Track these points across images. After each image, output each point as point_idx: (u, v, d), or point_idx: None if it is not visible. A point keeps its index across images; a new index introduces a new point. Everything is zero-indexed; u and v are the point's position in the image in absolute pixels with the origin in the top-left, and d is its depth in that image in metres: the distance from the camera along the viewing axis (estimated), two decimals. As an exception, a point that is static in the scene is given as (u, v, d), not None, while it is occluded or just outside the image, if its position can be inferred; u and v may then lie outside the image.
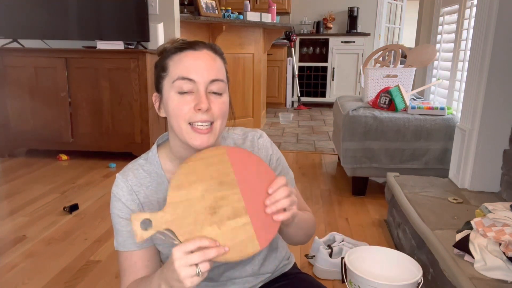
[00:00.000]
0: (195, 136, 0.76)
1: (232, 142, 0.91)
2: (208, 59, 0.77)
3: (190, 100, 0.76)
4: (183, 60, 0.77)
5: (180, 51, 0.78)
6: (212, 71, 0.77)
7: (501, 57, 1.66)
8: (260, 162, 0.72)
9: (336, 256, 1.61)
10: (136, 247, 0.83)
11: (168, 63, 0.78)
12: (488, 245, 1.13)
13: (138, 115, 2.99)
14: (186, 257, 0.62)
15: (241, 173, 0.71)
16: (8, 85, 3.06)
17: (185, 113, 0.76)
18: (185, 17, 3.38)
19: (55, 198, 2.38)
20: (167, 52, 0.80)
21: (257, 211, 0.69)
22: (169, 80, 0.77)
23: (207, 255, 0.63)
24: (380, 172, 2.33)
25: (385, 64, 2.82)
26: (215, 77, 0.77)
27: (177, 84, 0.76)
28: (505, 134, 1.72)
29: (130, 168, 0.85)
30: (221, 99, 0.78)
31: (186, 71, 0.75)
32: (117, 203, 0.83)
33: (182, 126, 0.76)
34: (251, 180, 0.70)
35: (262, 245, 0.67)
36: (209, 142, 0.77)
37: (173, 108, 0.77)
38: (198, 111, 0.75)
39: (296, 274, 1.01)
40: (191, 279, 0.62)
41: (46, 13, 3.08)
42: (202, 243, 0.63)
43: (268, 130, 4.43)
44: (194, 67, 0.76)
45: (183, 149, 0.81)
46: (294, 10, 6.18)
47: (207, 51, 0.78)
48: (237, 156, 0.72)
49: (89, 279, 1.57)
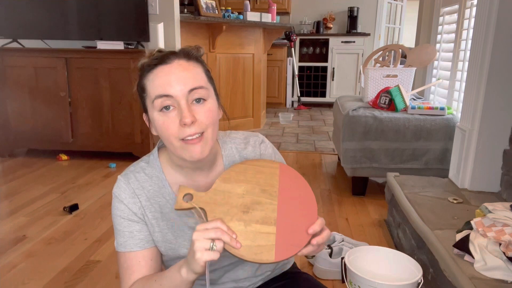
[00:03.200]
0: (188, 147, 0.75)
1: (233, 147, 0.90)
2: (180, 70, 0.75)
3: (174, 117, 0.75)
4: (156, 77, 0.75)
5: (153, 68, 0.76)
6: (188, 80, 0.75)
7: (501, 57, 1.66)
8: (306, 188, 0.76)
9: (336, 256, 1.61)
10: (138, 247, 0.83)
11: (145, 83, 0.77)
12: (488, 245, 1.13)
13: (138, 115, 2.99)
14: (204, 231, 0.67)
15: (284, 190, 0.75)
16: (8, 85, 3.06)
17: (174, 131, 0.75)
18: (185, 17, 3.38)
19: (55, 198, 2.38)
20: (143, 71, 0.78)
21: (285, 228, 0.72)
22: (150, 101, 0.77)
23: (222, 235, 0.68)
24: (380, 172, 2.33)
25: (385, 64, 2.82)
26: (193, 86, 0.75)
27: (157, 103, 0.75)
28: (505, 134, 1.72)
29: (132, 171, 0.85)
30: (206, 107, 0.76)
31: (162, 88, 0.74)
32: (119, 205, 0.83)
33: (174, 144, 0.76)
34: (291, 200, 0.74)
35: (277, 258, 0.70)
36: (203, 152, 0.76)
37: (160, 128, 0.76)
38: (184, 126, 0.74)
39: (296, 274, 1.01)
40: (202, 252, 0.66)
41: (46, 13, 3.08)
42: (221, 226, 0.69)
43: (268, 130, 4.43)
44: (168, 82, 0.74)
45: (180, 159, 0.81)
46: (294, 10, 6.18)
47: (178, 61, 0.76)
48: (287, 174, 0.77)
49: (89, 279, 1.57)
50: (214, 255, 0.67)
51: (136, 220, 0.83)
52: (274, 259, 0.69)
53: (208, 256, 0.66)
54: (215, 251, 0.67)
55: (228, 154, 0.89)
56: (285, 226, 0.72)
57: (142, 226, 0.83)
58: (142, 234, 0.83)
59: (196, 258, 0.66)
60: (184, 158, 0.77)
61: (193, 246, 0.67)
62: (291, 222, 0.72)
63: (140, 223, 0.83)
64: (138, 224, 0.83)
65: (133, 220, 0.83)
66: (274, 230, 0.71)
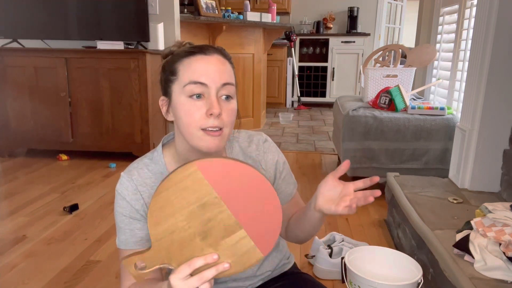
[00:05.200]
0: (207, 138, 0.76)
1: (237, 145, 0.91)
2: (218, 64, 0.77)
3: (201, 105, 0.75)
4: (193, 64, 0.76)
5: (191, 55, 0.77)
6: (224, 74, 0.77)
7: (501, 57, 1.66)
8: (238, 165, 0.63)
9: (336, 256, 1.61)
10: (139, 246, 0.83)
11: (177, 67, 0.78)
12: (488, 245, 1.13)
13: (138, 115, 2.99)
14: (185, 283, 0.61)
15: (222, 186, 0.63)
16: (8, 85, 3.06)
17: (197, 119, 0.75)
18: (185, 17, 3.38)
19: (55, 198, 2.38)
20: (175, 56, 0.79)
21: (252, 221, 0.64)
22: (180, 85, 0.77)
23: (205, 276, 0.62)
24: (380, 172, 2.33)
25: (385, 64, 2.82)
26: (226, 81, 0.77)
27: (188, 88, 0.75)
28: (505, 134, 1.72)
29: (135, 167, 0.85)
30: (231, 106, 0.78)
31: (198, 75, 0.75)
32: (121, 201, 0.83)
33: (193, 132, 0.76)
34: (234, 190, 0.63)
35: (265, 252, 0.66)
36: (220, 146, 0.77)
37: (184, 114, 0.76)
38: (210, 116, 0.75)
39: (296, 274, 1.01)
40: None
41: (46, 13, 3.08)
42: (197, 263, 0.62)
43: (268, 130, 4.43)
44: (206, 71, 0.75)
45: (189, 152, 0.81)
46: (294, 10, 6.18)
47: (217, 55, 0.78)
48: (211, 169, 0.62)
49: (89, 279, 1.57)
50: None
51: (138, 218, 0.83)
52: (263, 255, 0.66)
53: None
54: None
55: (232, 152, 0.90)
56: (250, 220, 0.64)
57: (144, 224, 0.83)
58: (143, 232, 0.83)
59: None
60: (199, 148, 0.77)
61: None
62: (252, 212, 0.64)
63: (141, 221, 0.83)
64: (140, 222, 0.83)
65: (135, 218, 0.83)
66: (244, 233, 0.64)
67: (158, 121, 3.11)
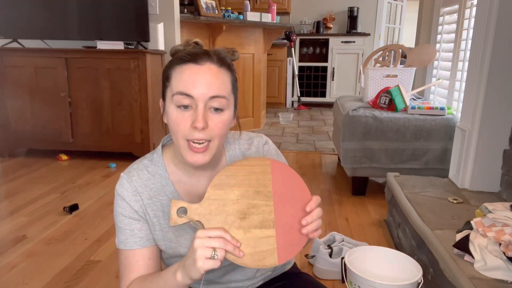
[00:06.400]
0: (191, 153, 0.76)
1: (237, 148, 0.90)
2: (209, 74, 0.74)
3: (188, 117, 0.75)
4: (184, 73, 0.75)
5: (183, 63, 0.76)
6: (213, 87, 0.74)
7: (501, 57, 1.66)
8: (299, 181, 0.73)
9: (336, 256, 1.61)
10: (138, 246, 0.83)
11: (171, 74, 0.77)
12: (488, 245, 1.13)
13: (138, 115, 2.99)
14: (206, 239, 0.66)
15: (278, 187, 0.72)
16: (8, 85, 3.06)
17: (182, 129, 0.75)
18: (185, 17, 3.38)
19: (55, 198, 2.38)
20: (172, 61, 0.79)
21: (285, 227, 0.71)
22: (170, 93, 0.77)
23: (225, 244, 0.67)
24: (380, 172, 2.33)
25: (385, 64, 2.82)
26: (215, 94, 0.74)
27: (176, 98, 0.75)
28: (505, 134, 1.72)
29: (135, 168, 0.85)
30: (221, 118, 0.76)
31: (185, 86, 0.74)
32: (121, 202, 0.83)
33: (179, 142, 0.76)
34: (286, 196, 0.72)
35: (280, 260, 0.69)
36: (204, 160, 0.77)
37: (172, 122, 0.76)
38: (194, 129, 0.74)
39: (296, 274, 1.01)
40: (204, 260, 0.65)
41: (46, 13, 3.08)
42: (225, 235, 0.68)
43: (268, 130, 4.43)
44: (194, 82, 0.74)
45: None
46: (294, 10, 6.18)
47: (210, 64, 0.75)
48: (279, 170, 0.73)
49: (89, 279, 1.57)
50: (215, 264, 0.66)
51: (137, 218, 0.83)
52: (277, 262, 0.69)
53: (209, 265, 0.65)
54: (216, 259, 0.66)
55: (231, 154, 0.89)
56: (283, 226, 0.70)
57: (143, 225, 0.84)
58: (142, 233, 0.83)
59: (198, 267, 0.66)
60: (186, 159, 0.77)
61: (194, 253, 0.66)
62: (289, 221, 0.71)
63: (141, 222, 0.83)
64: (139, 222, 0.83)
65: (134, 218, 0.83)
66: (273, 233, 0.70)
67: (158, 121, 3.11)
